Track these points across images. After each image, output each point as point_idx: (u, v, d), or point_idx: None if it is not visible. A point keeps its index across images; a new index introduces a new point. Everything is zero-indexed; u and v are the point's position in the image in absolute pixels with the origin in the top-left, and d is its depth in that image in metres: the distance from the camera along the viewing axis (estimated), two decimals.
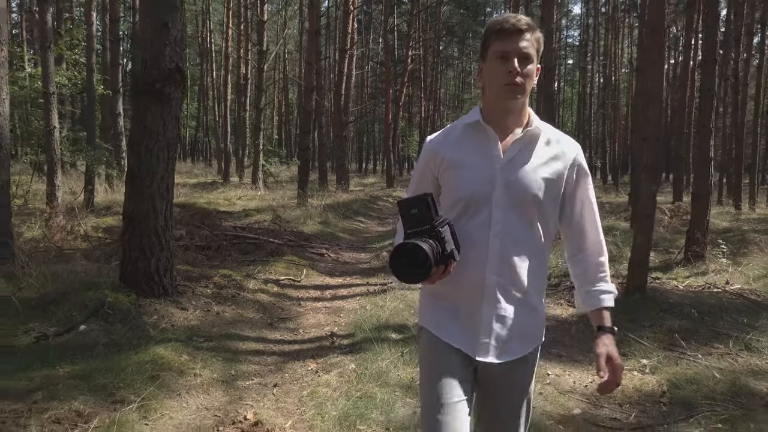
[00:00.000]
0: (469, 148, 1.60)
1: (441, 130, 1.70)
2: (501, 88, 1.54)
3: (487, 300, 1.56)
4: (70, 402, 2.85)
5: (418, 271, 1.40)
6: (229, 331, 4.38)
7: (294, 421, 3.07)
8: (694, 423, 3.23)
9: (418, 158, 1.72)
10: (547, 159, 1.59)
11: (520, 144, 1.57)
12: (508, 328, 1.58)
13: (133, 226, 4.58)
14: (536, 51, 1.55)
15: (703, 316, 5.08)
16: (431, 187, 1.64)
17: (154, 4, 4.57)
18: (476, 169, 1.56)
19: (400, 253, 1.41)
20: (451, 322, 1.61)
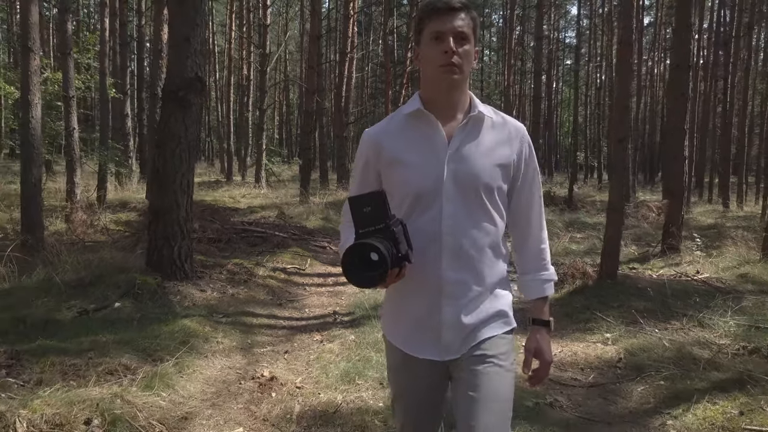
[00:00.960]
0: (412, 140, 1.50)
1: (382, 122, 1.61)
2: (437, 69, 1.45)
3: (446, 298, 1.48)
4: (119, 359, 3.45)
5: (372, 273, 1.28)
6: (244, 309, 4.98)
7: (303, 378, 3.67)
8: (640, 381, 3.83)
9: (357, 152, 1.60)
10: (495, 144, 1.52)
11: (464, 130, 1.49)
12: (472, 322, 1.50)
13: (158, 218, 5.18)
14: (472, 31, 1.49)
15: (666, 299, 5.67)
16: (375, 184, 1.55)
17: (178, 21, 5.16)
18: (422, 162, 1.47)
19: (353, 254, 1.29)
20: (413, 328, 1.53)
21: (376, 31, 37.79)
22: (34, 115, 6.34)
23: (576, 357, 4.40)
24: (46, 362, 3.32)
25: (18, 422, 2.61)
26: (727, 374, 3.68)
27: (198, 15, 5.18)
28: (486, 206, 1.49)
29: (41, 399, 2.80)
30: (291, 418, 3.12)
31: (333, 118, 25.44)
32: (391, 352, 1.61)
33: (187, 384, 3.41)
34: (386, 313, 1.63)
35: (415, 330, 1.53)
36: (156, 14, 9.98)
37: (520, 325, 1.66)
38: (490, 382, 1.47)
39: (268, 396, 3.40)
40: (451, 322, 1.49)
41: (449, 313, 1.49)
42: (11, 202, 10.72)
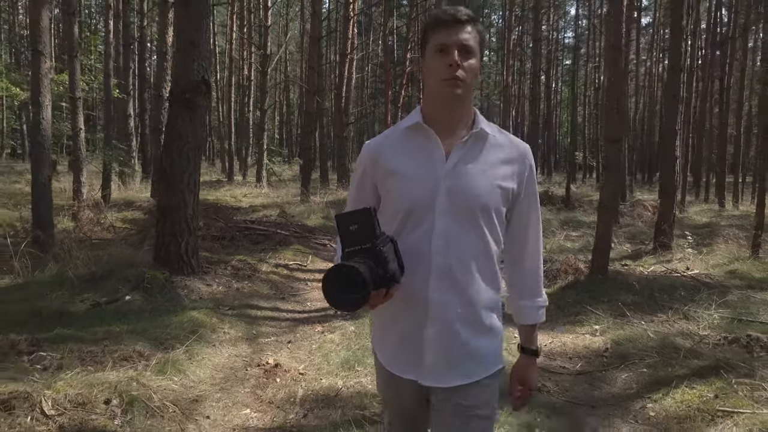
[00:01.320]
0: (410, 153, 1.47)
1: (381, 136, 1.59)
2: (439, 83, 1.42)
3: (431, 321, 1.43)
4: (132, 346, 3.67)
5: (354, 296, 1.22)
6: (248, 303, 5.20)
7: (305, 365, 3.89)
8: (625, 369, 4.05)
9: (356, 163, 1.59)
10: (496, 163, 1.46)
11: (464, 147, 1.44)
12: (456, 350, 1.45)
13: (166, 216, 5.39)
14: (478, 45, 1.45)
15: (654, 293, 5.89)
16: (371, 197, 1.53)
17: (184, 26, 5.38)
18: (417, 176, 1.44)
19: (333, 276, 1.23)
20: (397, 348, 1.50)
21: (376, 31, 37.98)
22: (44, 117, 6.55)
23: (565, 347, 4.62)
24: (64, 349, 3.54)
25: (44, 401, 2.83)
26: (706, 362, 3.89)
27: (203, 20, 5.40)
28: (481, 228, 1.43)
29: (63, 381, 3.02)
30: (295, 401, 3.34)
31: (333, 118, 25.66)
32: (378, 367, 1.59)
33: (197, 370, 3.63)
34: (375, 329, 1.60)
35: (399, 349, 1.49)
36: (161, 17, 10.20)
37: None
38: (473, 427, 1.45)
39: (273, 381, 3.62)
40: (434, 345, 1.43)
41: (432, 335, 1.43)
42: (17, 201, 10.94)
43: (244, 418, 3.17)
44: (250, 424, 3.11)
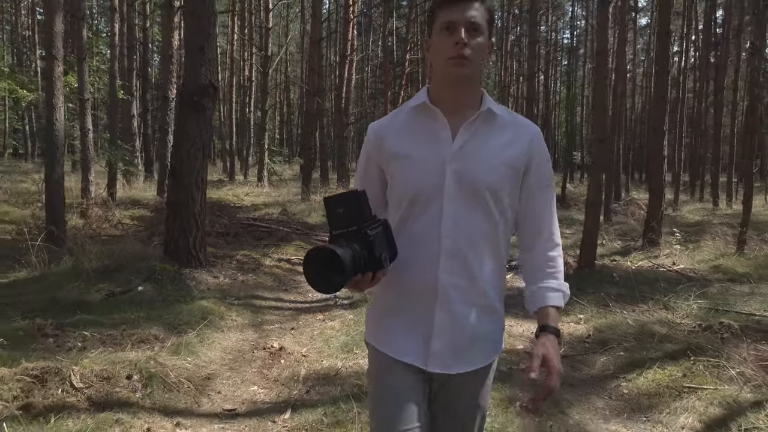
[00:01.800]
0: (416, 135, 1.43)
1: (389, 116, 1.54)
2: (446, 62, 1.37)
3: (440, 302, 1.40)
4: (148, 330, 3.98)
5: (333, 279, 1.21)
6: (253, 293, 5.51)
7: (308, 349, 4.20)
8: (604, 353, 4.36)
9: (363, 146, 1.54)
10: (504, 144, 1.42)
11: (471, 127, 1.40)
12: (465, 333, 1.43)
13: (175, 212, 5.71)
14: (487, 23, 1.41)
15: (638, 285, 6.19)
16: (376, 181, 1.50)
17: (192, 32, 5.69)
18: (423, 159, 1.40)
19: (313, 259, 1.24)
20: (399, 333, 1.46)
21: (376, 32, 38.24)
22: (57, 118, 6.86)
23: None
24: (86, 332, 3.85)
25: (72, 376, 3.14)
26: (678, 346, 4.20)
27: (211, 26, 5.71)
28: (490, 210, 1.40)
29: (89, 359, 3.34)
30: (298, 379, 3.65)
31: (333, 118, 25.98)
32: (373, 357, 1.52)
33: (208, 352, 3.94)
34: (370, 316, 1.55)
35: (407, 335, 1.44)
36: (166, 21, 10.51)
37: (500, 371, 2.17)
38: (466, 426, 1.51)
39: (278, 362, 3.93)
40: (443, 330, 1.41)
41: (442, 319, 1.41)
42: (25, 200, 11.25)
43: (252, 394, 3.48)
44: (257, 398, 3.42)
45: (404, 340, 1.44)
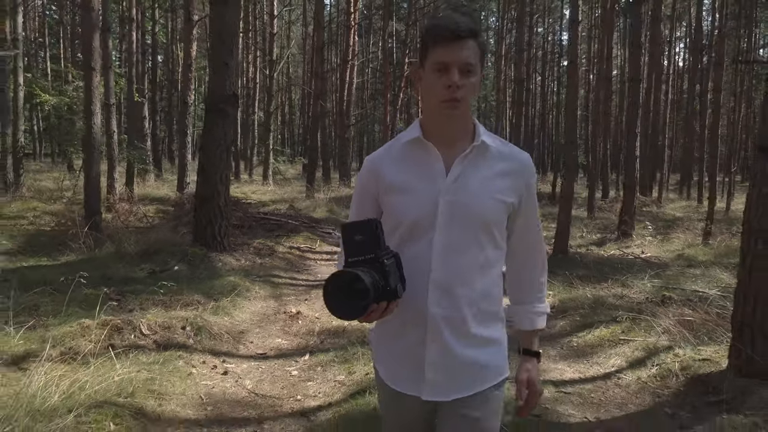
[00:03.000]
0: (411, 168, 1.45)
1: (382, 150, 1.55)
2: (438, 104, 1.39)
3: (431, 335, 1.42)
4: (191, 297, 4.91)
5: (355, 303, 1.24)
6: (271, 273, 6.45)
7: (320, 314, 5.13)
8: (563, 318, 5.29)
9: (357, 177, 1.59)
10: (496, 176, 1.44)
11: (465, 161, 1.43)
12: (456, 365, 1.44)
13: (202, 204, 6.63)
14: (479, 59, 1.39)
15: (603, 269, 7.12)
16: (372, 211, 1.52)
17: (218, 50, 6.61)
18: (417, 192, 1.43)
19: (336, 282, 1.25)
20: (398, 362, 1.49)
21: (376, 34, 39.08)
22: (95, 122, 7.79)
23: None
24: (142, 298, 4.78)
25: (141, 325, 4.07)
26: (623, 312, 5.12)
27: (233, 45, 6.63)
28: (480, 242, 1.42)
29: (151, 314, 4.26)
30: (313, 334, 4.58)
31: (335, 119, 26.90)
32: (378, 382, 1.57)
33: (240, 314, 4.87)
34: (374, 341, 1.59)
35: (401, 365, 1.48)
36: (186, 34, 11.44)
37: None
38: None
39: (296, 323, 4.87)
40: (435, 361, 1.42)
41: (433, 350, 1.42)
42: (49, 196, 12.18)
43: (277, 344, 4.41)
44: (282, 347, 4.35)
45: (401, 372, 1.48)
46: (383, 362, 1.55)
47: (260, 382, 3.67)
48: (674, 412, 3.37)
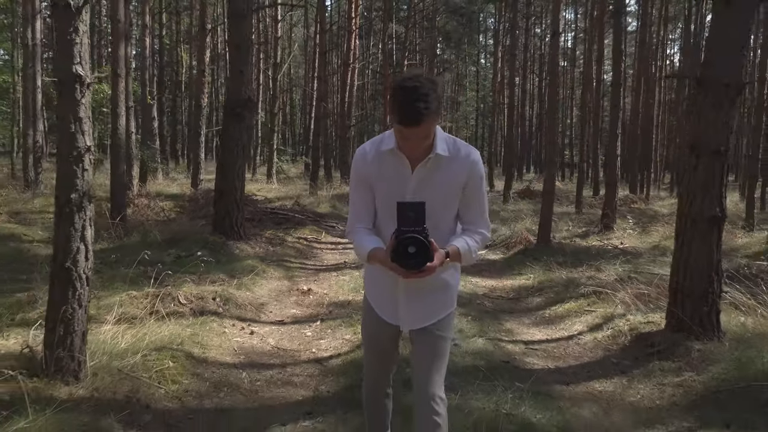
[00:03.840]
0: (387, 170, 1.98)
1: (369, 144, 2.06)
2: (402, 144, 1.92)
3: (401, 288, 2.02)
4: (217, 275, 5.68)
5: (417, 260, 1.74)
6: (283, 259, 7.23)
7: (328, 290, 5.90)
8: (539, 295, 6.07)
9: (352, 169, 2.07)
10: (448, 177, 1.96)
11: (424, 169, 1.94)
12: (420, 307, 2.06)
13: (221, 197, 7.41)
14: (434, 119, 1.81)
15: (581, 256, 7.89)
16: (368, 193, 2.03)
17: (235, 60, 7.38)
18: (392, 187, 1.97)
19: (409, 243, 1.73)
20: (381, 300, 2.13)
21: (376, 35, 39.78)
22: (121, 124, 8.56)
23: (505, 286, 6.64)
24: (175, 276, 5.54)
25: (179, 296, 4.84)
26: (591, 289, 5.89)
27: (249, 55, 7.40)
28: (439, 219, 1.96)
29: (185, 288, 5.04)
30: (323, 305, 5.36)
31: (335, 120, 27.64)
32: (366, 307, 2.21)
33: (259, 290, 5.65)
34: (366, 282, 2.25)
35: (381, 301, 2.13)
36: (200, 42, 12.22)
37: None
38: (436, 350, 2.09)
39: (308, 297, 5.64)
40: (404, 306, 2.07)
41: (403, 300, 2.05)
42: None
43: (293, 313, 5.18)
44: (297, 315, 5.13)
45: (382, 304, 2.13)
46: (371, 297, 2.19)
47: (281, 340, 4.45)
48: (618, 361, 4.15)
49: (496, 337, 4.58)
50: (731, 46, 4.03)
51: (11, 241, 7.50)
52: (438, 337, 2.11)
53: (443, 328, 2.13)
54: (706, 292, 4.12)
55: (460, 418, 2.94)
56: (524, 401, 3.23)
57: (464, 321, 4.86)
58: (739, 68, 4.07)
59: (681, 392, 3.54)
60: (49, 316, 3.09)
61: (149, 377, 3.33)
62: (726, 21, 4.05)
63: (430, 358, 2.10)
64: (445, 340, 2.14)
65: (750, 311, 4.68)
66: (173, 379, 3.42)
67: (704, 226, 4.12)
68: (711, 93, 4.09)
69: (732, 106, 4.06)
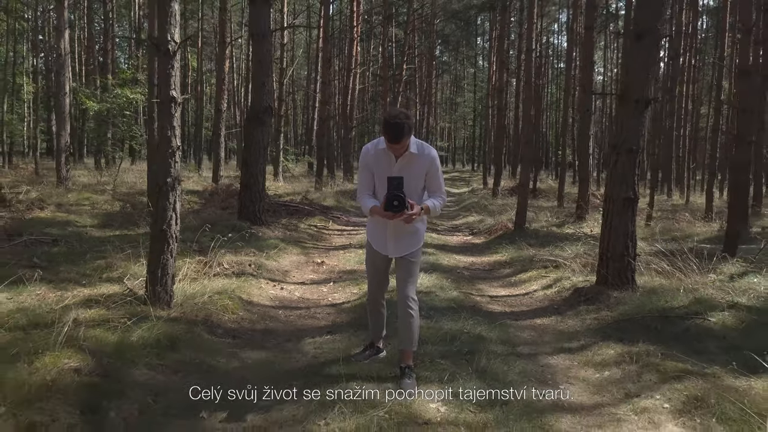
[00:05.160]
0: (380, 160, 3.32)
1: (371, 144, 3.39)
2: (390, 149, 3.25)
3: (390, 230, 3.40)
4: (249, 250, 7.07)
5: (398, 208, 3.13)
6: (298, 240, 8.62)
7: (337, 263, 7.30)
8: (509, 267, 7.46)
9: (360, 159, 3.48)
10: (417, 167, 3.32)
11: (401, 161, 3.29)
12: (401, 242, 3.43)
13: (246, 189, 8.80)
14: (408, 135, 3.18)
15: (552, 239, 9.26)
16: (370, 173, 3.38)
17: (257, 73, 8.77)
18: (385, 168, 3.31)
19: (394, 199, 3.14)
20: (377, 239, 3.49)
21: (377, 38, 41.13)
22: (155, 127, 9.95)
23: (483, 261, 8.04)
24: (215, 250, 6.93)
25: (223, 262, 6.23)
26: (552, 262, 7.26)
27: (270, 69, 8.79)
28: (411, 192, 3.30)
29: (227, 257, 6.43)
30: (334, 272, 6.75)
31: (338, 121, 29.04)
32: (368, 246, 3.61)
33: (282, 261, 7.05)
34: (368, 228, 3.67)
35: (377, 239, 3.48)
36: (220, 54, 13.61)
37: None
38: (410, 269, 3.44)
39: (322, 267, 7.04)
40: (391, 242, 3.42)
41: (391, 238, 3.40)
42: (94, 189, 14.33)
43: (311, 278, 6.57)
44: (314, 279, 6.52)
45: (378, 242, 3.49)
46: (371, 234, 3.59)
47: (304, 294, 5.85)
48: (558, 307, 5.54)
49: (468, 292, 5.97)
50: (640, 72, 5.42)
51: (68, 226, 8.88)
52: (411, 262, 3.47)
53: (414, 257, 3.51)
54: (623, 255, 5.50)
55: (434, 332, 4.32)
56: (480, 325, 4.61)
57: (445, 281, 6.25)
58: (647, 88, 5.45)
59: (596, 322, 4.93)
60: (150, 262, 4.48)
61: (216, 309, 4.72)
62: (636, 53, 5.43)
63: (407, 274, 3.47)
64: (415, 264, 3.49)
65: (669, 275, 6.07)
66: (232, 311, 4.81)
67: (621, 205, 5.51)
68: (627, 106, 5.48)
69: (641, 116, 5.45)
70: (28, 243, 6.83)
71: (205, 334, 4.20)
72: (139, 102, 16.80)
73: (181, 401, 3.12)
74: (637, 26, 5.41)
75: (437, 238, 9.87)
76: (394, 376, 3.42)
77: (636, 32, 5.44)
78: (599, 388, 3.64)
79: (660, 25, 5.46)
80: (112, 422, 2.84)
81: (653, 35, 5.36)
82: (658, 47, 5.59)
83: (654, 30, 5.38)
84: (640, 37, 5.39)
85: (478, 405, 3.15)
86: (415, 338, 3.49)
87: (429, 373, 3.51)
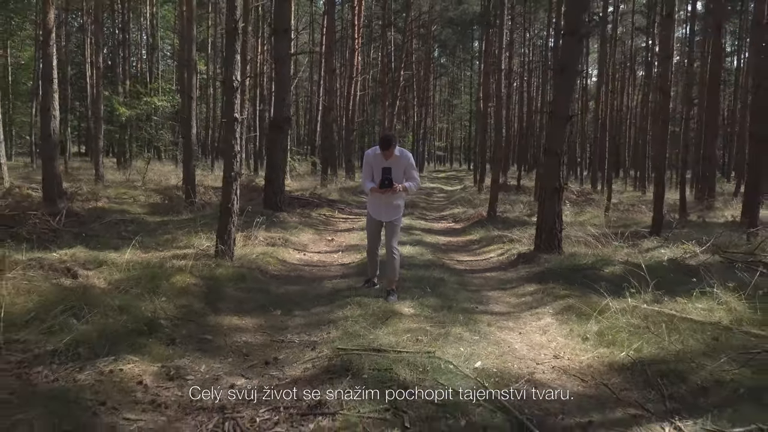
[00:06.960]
0: (378, 159, 5.31)
1: (371, 150, 5.44)
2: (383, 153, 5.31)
3: (383, 203, 5.46)
4: (274, 230, 9.19)
5: (388, 184, 5.25)
6: (312, 224, 10.76)
7: (344, 240, 9.41)
8: (479, 244, 9.57)
9: (363, 159, 5.60)
10: (399, 162, 5.32)
11: (390, 160, 5.28)
12: (389, 211, 5.48)
13: (270, 183, 10.92)
14: (394, 146, 5.28)
15: (514, 224, 11.36)
16: (371, 168, 5.39)
17: (279, 89, 10.87)
18: (380, 164, 5.30)
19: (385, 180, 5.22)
20: (374, 209, 5.54)
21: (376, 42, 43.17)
22: (193, 132, 12.06)
23: (458, 241, 10.15)
24: (250, 229, 9.04)
25: (258, 236, 8.35)
26: (509, 238, 9.34)
27: (289, 87, 10.89)
28: (396, 178, 5.35)
29: (261, 233, 8.54)
30: (342, 246, 8.87)
31: (339, 123, 31.17)
32: (368, 215, 5.70)
33: (302, 238, 9.17)
34: (368, 203, 5.71)
35: (374, 209, 5.57)
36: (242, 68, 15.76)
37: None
38: (394, 229, 5.57)
39: (332, 243, 9.16)
40: (385, 212, 5.52)
41: (383, 208, 5.51)
42: (129, 185, 16.44)
43: (324, 249, 8.68)
44: (327, 249, 8.63)
45: (375, 211, 5.61)
46: (370, 207, 5.69)
47: (321, 258, 7.96)
48: (504, 266, 7.65)
49: (441, 257, 8.09)
50: (564, 95, 7.51)
51: (126, 214, 10.99)
52: (395, 225, 5.59)
53: (398, 222, 5.63)
54: (552, 228, 7.61)
55: (411, 276, 6.41)
56: (444, 274, 6.72)
57: (425, 250, 8.36)
58: (569, 107, 7.54)
59: (526, 273, 7.03)
60: (219, 228, 6.59)
61: (262, 263, 6.84)
62: (560, 81, 7.54)
63: (392, 233, 5.62)
64: (398, 227, 5.63)
65: (592, 246, 8.17)
66: (273, 265, 6.93)
67: (551, 192, 7.61)
68: (554, 120, 7.58)
69: (564, 128, 7.55)
70: (111, 223, 8.94)
71: (259, 276, 6.33)
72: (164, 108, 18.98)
73: (256, 306, 5.24)
74: (558, 64, 7.51)
75: (425, 225, 11.99)
76: (383, 297, 5.53)
77: (560, 66, 7.55)
78: (515, 306, 5.76)
79: (578, 63, 7.57)
80: (225, 310, 4.97)
81: (571, 70, 7.47)
82: (575, 78, 7.69)
83: (573, 65, 7.48)
84: (562, 70, 7.49)
85: (433, 308, 5.25)
86: (396, 272, 5.60)
87: (405, 294, 5.62)
